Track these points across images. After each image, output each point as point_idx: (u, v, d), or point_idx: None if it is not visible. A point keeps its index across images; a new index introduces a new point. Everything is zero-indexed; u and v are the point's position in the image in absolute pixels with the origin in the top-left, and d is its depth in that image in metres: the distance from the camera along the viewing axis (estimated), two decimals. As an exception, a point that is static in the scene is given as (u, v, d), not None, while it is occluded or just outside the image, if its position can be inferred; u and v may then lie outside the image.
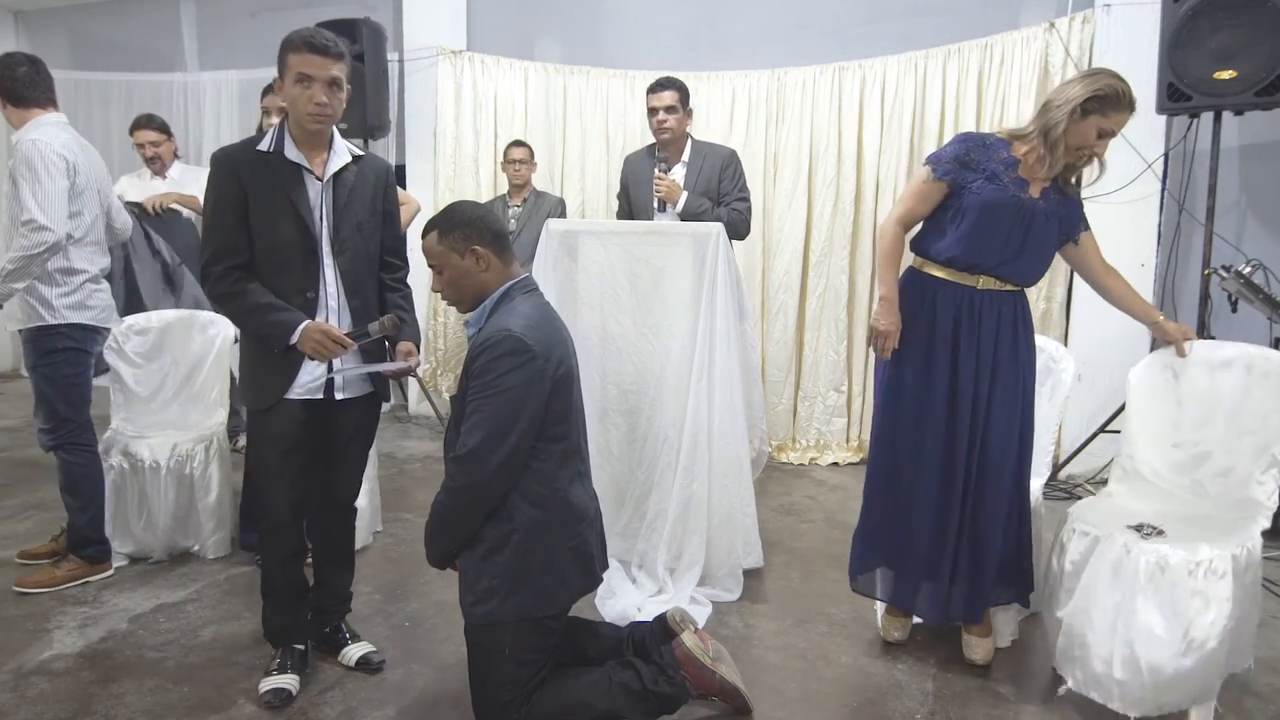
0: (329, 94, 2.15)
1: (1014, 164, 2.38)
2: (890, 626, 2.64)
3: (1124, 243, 3.66)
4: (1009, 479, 2.44)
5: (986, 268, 2.40)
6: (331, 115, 2.18)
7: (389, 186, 2.39)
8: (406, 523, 3.46)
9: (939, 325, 2.43)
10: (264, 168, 2.19)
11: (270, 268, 2.22)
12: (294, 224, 2.20)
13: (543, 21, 5.49)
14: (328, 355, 2.20)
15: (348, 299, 2.29)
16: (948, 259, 2.42)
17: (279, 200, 2.19)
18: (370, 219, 2.32)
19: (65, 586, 2.93)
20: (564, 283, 3.04)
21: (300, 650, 2.39)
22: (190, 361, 3.48)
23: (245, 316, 2.23)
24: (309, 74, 2.12)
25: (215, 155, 2.23)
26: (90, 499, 2.99)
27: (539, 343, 1.96)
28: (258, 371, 2.28)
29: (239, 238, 2.19)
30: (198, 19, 6.41)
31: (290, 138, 2.21)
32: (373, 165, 2.36)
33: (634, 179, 3.68)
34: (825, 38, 4.85)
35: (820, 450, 4.78)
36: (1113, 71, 2.29)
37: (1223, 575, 2.08)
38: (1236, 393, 2.49)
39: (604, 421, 3.07)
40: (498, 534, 2.00)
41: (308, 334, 2.16)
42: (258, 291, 2.19)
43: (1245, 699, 2.33)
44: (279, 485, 2.29)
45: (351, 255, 2.28)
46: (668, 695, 2.09)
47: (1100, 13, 4.08)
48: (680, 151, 3.61)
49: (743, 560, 3.03)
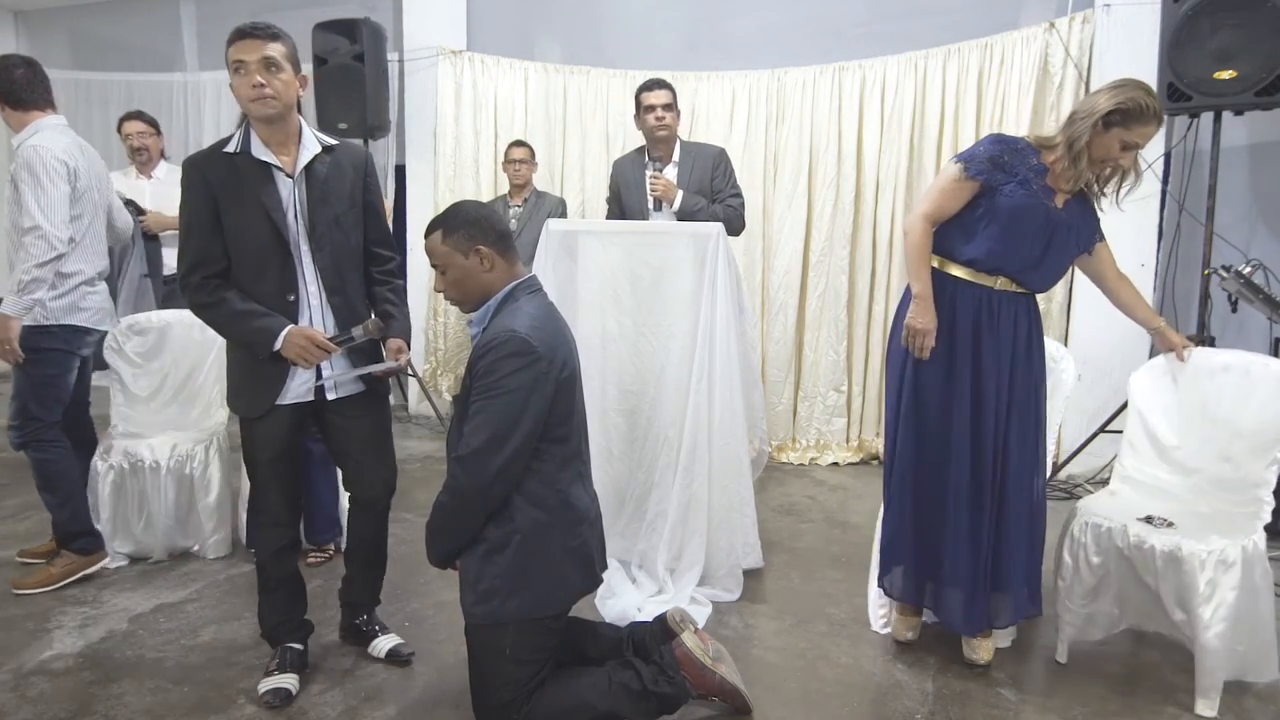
0: (265, 75, 2.08)
1: (1043, 171, 2.36)
2: (903, 627, 2.64)
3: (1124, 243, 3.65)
4: (1029, 482, 2.45)
5: (1008, 272, 2.40)
6: (274, 97, 2.10)
7: (368, 175, 2.32)
8: (407, 523, 3.46)
9: (959, 325, 2.42)
10: (232, 170, 2.14)
11: (248, 273, 2.18)
12: (266, 226, 2.15)
13: (543, 21, 5.49)
14: (312, 361, 2.18)
15: (328, 296, 2.25)
16: (970, 259, 2.41)
17: (249, 202, 2.14)
18: (349, 211, 2.27)
19: (64, 583, 2.93)
20: (564, 283, 3.04)
21: (298, 650, 2.39)
22: (190, 361, 3.48)
23: (226, 325, 2.19)
24: (241, 59, 2.08)
25: (184, 163, 2.20)
26: (68, 494, 2.98)
27: (543, 344, 1.96)
28: (247, 380, 2.24)
29: (214, 246, 2.15)
30: (198, 19, 6.40)
31: (256, 136, 2.17)
32: (349, 154, 2.29)
33: (624, 182, 3.66)
34: (825, 38, 4.85)
35: (820, 450, 4.78)
36: (1139, 83, 2.27)
37: (1232, 565, 2.18)
38: (1234, 396, 2.55)
39: (604, 421, 3.07)
40: (499, 534, 2.00)
41: (291, 339, 2.14)
42: (236, 299, 2.16)
43: (1245, 699, 2.33)
44: (272, 487, 2.30)
45: (331, 251, 2.23)
46: (668, 695, 2.09)
47: (1100, 13, 4.07)
48: (671, 152, 3.62)
49: (742, 560, 3.03)
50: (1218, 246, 3.74)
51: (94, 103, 6.39)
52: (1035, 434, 2.46)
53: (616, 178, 3.74)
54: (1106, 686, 2.38)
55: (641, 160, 3.63)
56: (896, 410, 2.53)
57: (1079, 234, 2.44)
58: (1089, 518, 2.45)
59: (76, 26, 6.77)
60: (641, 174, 3.55)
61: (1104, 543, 2.40)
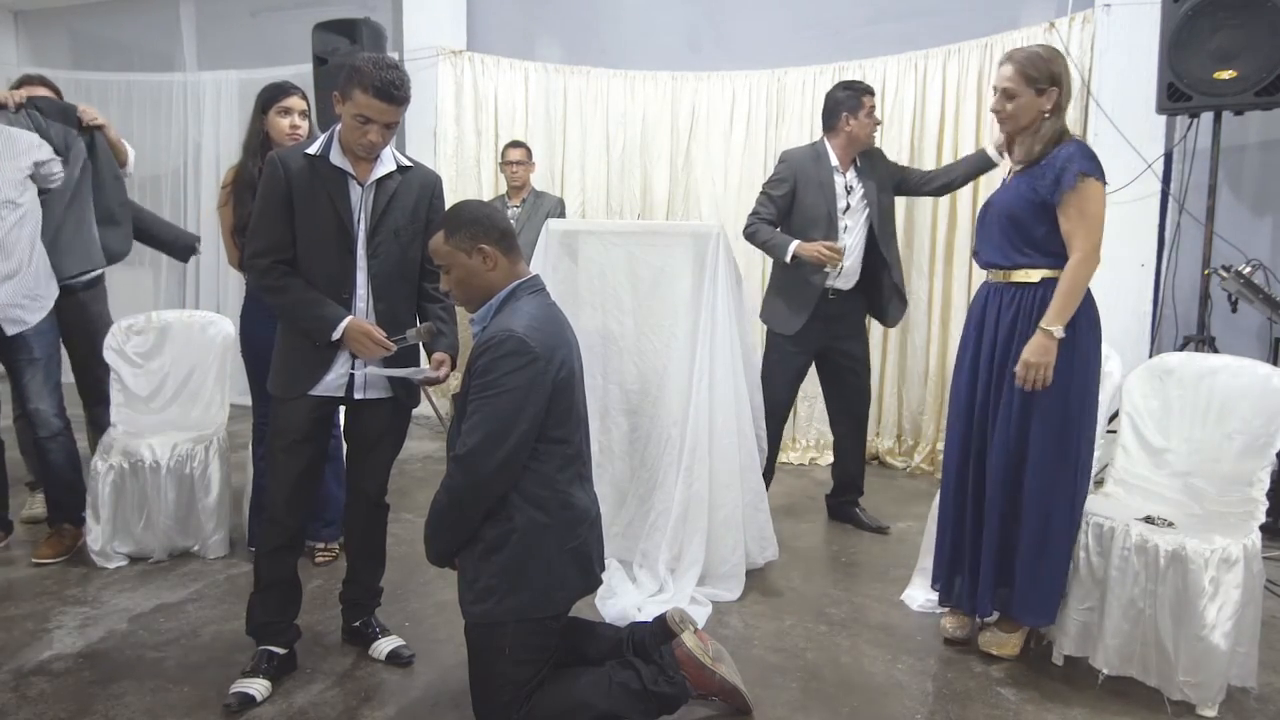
0: (383, 135, 2.21)
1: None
2: (953, 624, 2.65)
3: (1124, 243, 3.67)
4: (1043, 482, 2.44)
5: (981, 257, 2.58)
6: (378, 146, 2.24)
7: (435, 197, 2.41)
8: (406, 523, 3.46)
9: (969, 324, 2.61)
10: (311, 169, 2.25)
11: (310, 265, 2.28)
12: (334, 223, 2.26)
13: (543, 21, 5.49)
14: (367, 354, 2.27)
15: (374, 303, 2.33)
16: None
17: (321, 200, 2.25)
18: (409, 226, 2.35)
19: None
20: (564, 283, 3.04)
21: (279, 655, 2.37)
22: (190, 361, 3.48)
23: (291, 309, 2.29)
24: (371, 117, 2.16)
25: (269, 155, 2.33)
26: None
27: (541, 344, 1.96)
28: (289, 362, 2.33)
29: (286, 234, 2.26)
30: (197, 19, 6.41)
31: (339, 145, 2.26)
32: (420, 176, 2.39)
33: (805, 180, 3.49)
34: (825, 38, 4.85)
35: (820, 450, 4.78)
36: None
37: (1235, 563, 2.21)
38: (1224, 399, 2.60)
39: (605, 421, 3.07)
40: (496, 533, 2.00)
41: (350, 331, 2.25)
42: (303, 286, 2.27)
43: (1245, 699, 2.34)
44: (280, 476, 2.32)
45: (384, 260, 2.32)
46: (668, 695, 2.09)
47: (1100, 13, 4.07)
48: (855, 158, 3.56)
49: (760, 555, 3.05)
50: (1218, 246, 3.74)
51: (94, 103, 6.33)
52: (1060, 431, 2.42)
53: (794, 172, 3.51)
54: (1106, 686, 2.38)
55: (827, 164, 3.49)
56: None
57: (1022, 191, 2.46)
58: (1089, 518, 2.46)
59: (76, 26, 6.77)
60: (829, 177, 3.47)
61: (1105, 543, 2.40)
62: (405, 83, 2.17)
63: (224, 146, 6.06)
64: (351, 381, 2.34)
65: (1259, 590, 2.31)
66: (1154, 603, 2.29)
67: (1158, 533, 2.32)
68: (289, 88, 2.99)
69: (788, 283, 3.53)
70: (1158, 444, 2.70)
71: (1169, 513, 2.49)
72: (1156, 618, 2.28)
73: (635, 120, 5.09)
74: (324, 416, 2.36)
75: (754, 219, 3.52)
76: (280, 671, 2.36)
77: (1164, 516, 2.45)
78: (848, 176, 3.52)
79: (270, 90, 2.99)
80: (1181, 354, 2.80)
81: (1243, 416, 2.53)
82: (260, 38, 6.15)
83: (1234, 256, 3.75)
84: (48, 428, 3.13)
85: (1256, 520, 2.36)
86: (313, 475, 2.38)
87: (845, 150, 3.51)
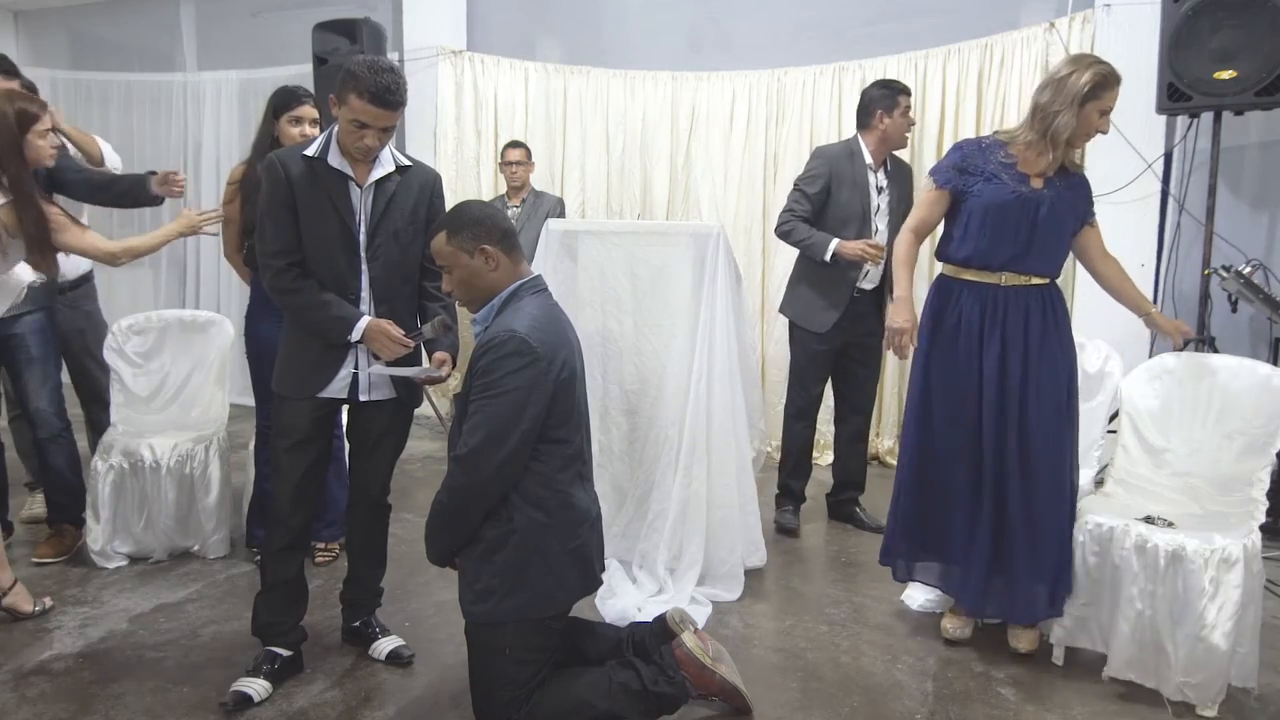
0: (379, 138, 2.20)
1: (1013, 161, 2.47)
2: (952, 624, 2.65)
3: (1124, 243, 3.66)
4: (1059, 475, 2.47)
5: (1002, 262, 2.49)
6: (374, 150, 2.22)
7: (435, 196, 2.41)
8: (407, 523, 3.46)
9: (964, 324, 2.52)
10: (309, 171, 2.24)
11: (317, 266, 2.28)
12: (337, 225, 2.26)
13: (543, 21, 5.49)
14: (387, 354, 2.27)
15: (375, 305, 2.32)
16: (964, 259, 2.53)
17: (322, 202, 2.25)
18: (409, 227, 2.34)
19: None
20: (564, 283, 3.04)
21: (284, 656, 2.37)
22: (190, 361, 3.48)
23: (305, 311, 2.28)
24: (366, 122, 2.14)
25: (267, 156, 2.32)
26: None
27: (543, 344, 1.96)
28: (298, 363, 2.33)
29: (295, 236, 2.26)
30: (197, 19, 6.40)
31: (337, 146, 2.25)
32: (419, 175, 2.38)
33: (840, 178, 3.45)
34: (825, 38, 4.84)
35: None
36: (1087, 57, 2.47)
37: (1235, 563, 2.20)
38: (1224, 399, 2.60)
39: (605, 421, 3.07)
40: (497, 534, 2.00)
41: (370, 330, 2.25)
42: (317, 288, 2.26)
43: (1245, 699, 2.34)
44: (284, 477, 2.33)
45: (384, 262, 2.31)
46: (668, 695, 2.09)
47: (1100, 13, 4.07)
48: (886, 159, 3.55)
49: (747, 559, 3.04)
50: (1218, 246, 3.74)
51: (93, 103, 6.39)
52: (1059, 430, 2.47)
53: (829, 168, 3.47)
54: (1106, 686, 2.38)
55: (861, 161, 3.46)
56: (911, 407, 2.65)
57: (1069, 205, 2.49)
58: (1089, 518, 2.46)
59: (76, 26, 6.76)
60: (864, 175, 3.45)
61: (1104, 543, 2.41)
62: (401, 86, 2.15)
63: (224, 146, 6.05)
64: (356, 382, 2.34)
65: (1259, 590, 2.31)
66: (1154, 603, 2.29)
67: (1158, 533, 2.32)
68: (302, 95, 2.97)
69: (820, 280, 3.50)
70: (1158, 444, 2.71)
71: (1169, 513, 2.50)
72: (1156, 618, 2.29)
73: (635, 120, 5.08)
74: (326, 416, 2.36)
75: (789, 216, 3.48)
76: (285, 674, 2.36)
77: (1164, 516, 2.45)
78: (879, 176, 3.52)
79: (283, 95, 2.97)
80: (1181, 354, 2.79)
81: (1243, 416, 2.54)
82: (260, 38, 6.14)
83: (1234, 256, 3.75)
84: (48, 428, 3.13)
85: (1256, 520, 2.35)
86: (317, 475, 2.38)
87: (879, 149, 3.49)
